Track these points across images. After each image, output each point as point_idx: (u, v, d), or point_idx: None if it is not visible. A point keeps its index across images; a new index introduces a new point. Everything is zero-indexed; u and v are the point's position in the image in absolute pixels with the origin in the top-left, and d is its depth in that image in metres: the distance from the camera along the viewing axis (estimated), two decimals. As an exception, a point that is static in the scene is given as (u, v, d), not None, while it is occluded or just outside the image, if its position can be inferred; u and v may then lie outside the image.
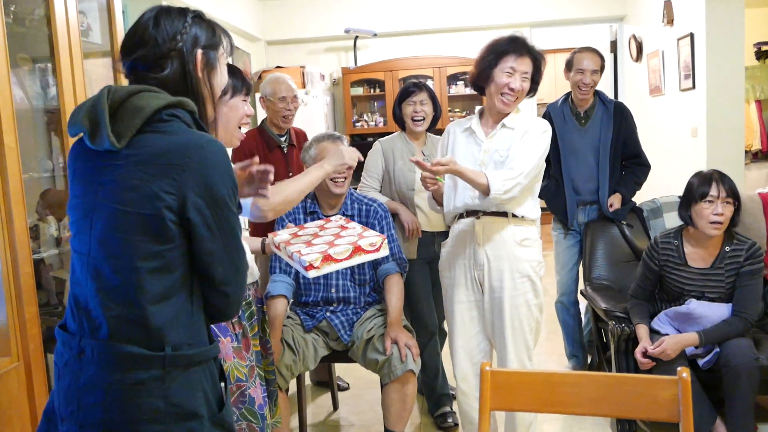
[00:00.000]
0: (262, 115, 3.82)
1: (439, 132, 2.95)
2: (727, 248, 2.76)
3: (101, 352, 1.27)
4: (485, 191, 2.34)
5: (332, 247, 2.05)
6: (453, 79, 6.87)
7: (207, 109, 1.44)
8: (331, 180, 2.75)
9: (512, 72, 2.42)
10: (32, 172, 2.36)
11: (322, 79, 6.75)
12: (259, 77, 6.40)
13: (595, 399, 1.53)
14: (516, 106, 2.51)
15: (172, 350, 1.28)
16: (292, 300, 2.88)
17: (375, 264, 2.86)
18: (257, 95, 6.07)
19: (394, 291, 2.79)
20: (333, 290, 2.83)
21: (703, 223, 2.74)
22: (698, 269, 2.79)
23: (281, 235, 2.27)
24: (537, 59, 2.46)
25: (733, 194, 2.72)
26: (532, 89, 2.50)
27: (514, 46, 2.44)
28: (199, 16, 1.42)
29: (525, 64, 2.43)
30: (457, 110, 7.00)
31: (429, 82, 6.80)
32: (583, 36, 7.93)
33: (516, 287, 2.45)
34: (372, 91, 6.98)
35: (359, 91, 6.94)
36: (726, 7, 4.72)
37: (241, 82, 1.98)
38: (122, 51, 1.39)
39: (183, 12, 1.40)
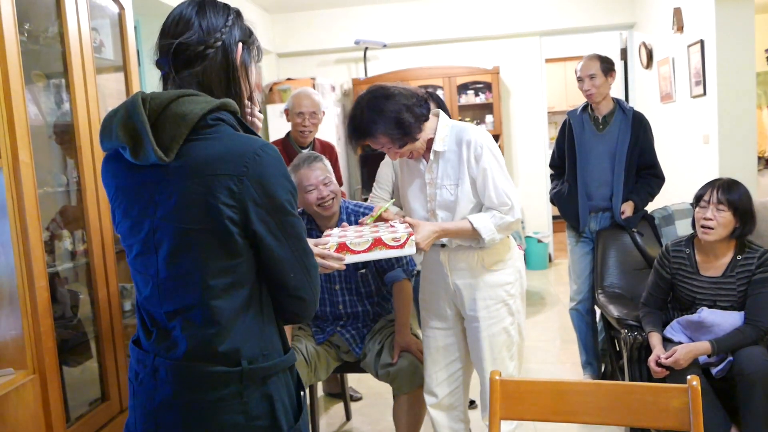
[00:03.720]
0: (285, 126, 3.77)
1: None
2: (738, 257, 2.74)
3: (176, 373, 1.26)
4: (477, 237, 2.26)
5: (355, 238, 1.97)
6: (463, 88, 6.89)
7: (245, 108, 1.40)
8: (319, 206, 2.68)
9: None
10: (47, 187, 2.39)
11: (332, 90, 6.80)
12: (270, 89, 6.45)
13: (605, 408, 1.53)
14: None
15: (248, 364, 1.26)
16: None
17: (380, 273, 2.84)
18: (272, 107, 6.15)
19: (401, 297, 2.76)
20: (341, 306, 2.82)
21: (697, 228, 2.75)
22: (710, 278, 2.78)
23: (333, 232, 2.20)
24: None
25: (728, 202, 2.67)
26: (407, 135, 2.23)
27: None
28: (239, 14, 1.40)
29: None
30: (467, 119, 7.01)
31: (439, 92, 6.82)
32: (594, 44, 7.96)
33: (491, 315, 2.36)
34: (382, 101, 7.00)
35: (369, 100, 6.96)
36: (736, 13, 4.70)
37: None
38: (163, 37, 1.32)
39: (227, 6, 1.38)
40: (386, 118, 2.19)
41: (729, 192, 2.70)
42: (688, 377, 1.46)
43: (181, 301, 1.25)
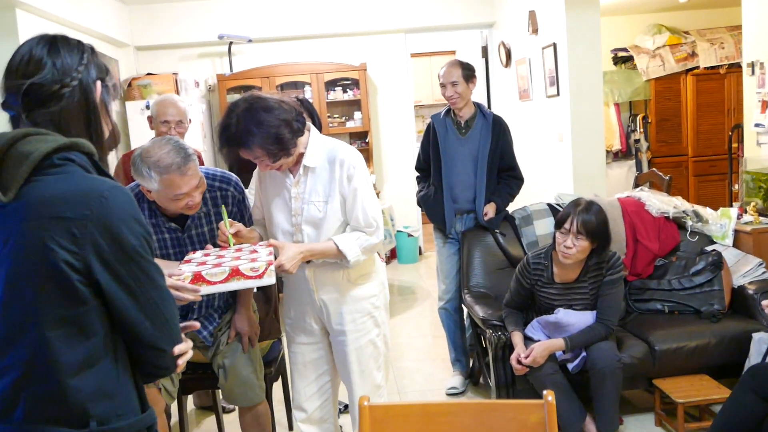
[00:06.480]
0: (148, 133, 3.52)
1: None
2: (590, 263, 2.92)
3: None
4: (342, 257, 2.25)
5: (212, 267, 1.91)
6: (331, 84, 6.88)
7: (106, 147, 1.32)
8: (186, 206, 2.30)
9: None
10: None
11: (196, 86, 6.56)
12: (129, 85, 6.13)
13: (471, 426, 1.58)
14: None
15: (97, 425, 1.16)
16: None
17: None
18: (132, 104, 5.84)
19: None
20: (195, 305, 2.52)
21: (558, 250, 2.90)
22: (564, 284, 2.95)
23: (195, 256, 2.09)
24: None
25: (586, 232, 2.81)
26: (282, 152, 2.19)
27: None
28: (93, 50, 1.32)
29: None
30: (336, 116, 7.02)
31: (307, 89, 6.77)
32: (458, 41, 8.17)
33: (358, 329, 2.38)
34: (249, 97, 6.84)
35: (236, 98, 6.77)
36: (584, 18, 4.98)
37: None
38: (9, 77, 1.23)
39: (80, 43, 1.30)
40: (264, 131, 2.14)
41: (587, 221, 2.82)
42: (544, 392, 1.54)
43: (16, 355, 1.15)
